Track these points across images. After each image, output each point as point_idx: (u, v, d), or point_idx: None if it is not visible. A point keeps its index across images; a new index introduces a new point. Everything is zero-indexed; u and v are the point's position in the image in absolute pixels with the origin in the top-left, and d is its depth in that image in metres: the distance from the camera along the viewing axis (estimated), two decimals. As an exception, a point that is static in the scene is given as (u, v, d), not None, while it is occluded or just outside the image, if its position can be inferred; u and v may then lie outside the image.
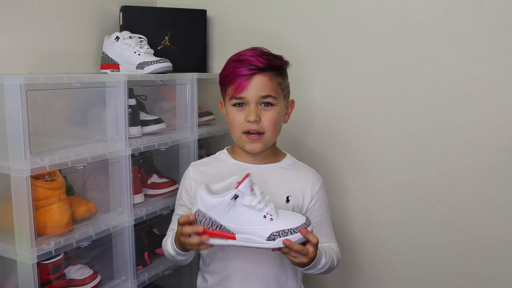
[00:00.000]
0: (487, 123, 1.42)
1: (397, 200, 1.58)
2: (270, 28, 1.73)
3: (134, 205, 1.41)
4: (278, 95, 1.16)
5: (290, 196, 1.18)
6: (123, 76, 1.32)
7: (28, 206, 1.10)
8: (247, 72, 1.12)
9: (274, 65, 1.15)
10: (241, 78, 1.13)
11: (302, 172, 1.25)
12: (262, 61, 1.13)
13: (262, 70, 1.13)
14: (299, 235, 0.99)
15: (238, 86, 1.13)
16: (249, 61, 1.13)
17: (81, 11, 1.61)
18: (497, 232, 1.44)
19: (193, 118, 1.58)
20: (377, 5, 1.54)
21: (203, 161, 1.30)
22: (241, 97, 1.14)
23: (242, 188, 0.98)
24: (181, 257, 1.14)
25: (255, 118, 1.13)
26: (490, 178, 1.43)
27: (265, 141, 1.17)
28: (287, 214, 1.03)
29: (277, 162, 1.24)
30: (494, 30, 1.38)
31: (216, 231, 0.99)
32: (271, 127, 1.15)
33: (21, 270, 1.14)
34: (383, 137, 1.58)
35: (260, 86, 1.13)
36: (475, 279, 1.50)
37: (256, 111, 1.14)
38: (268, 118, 1.14)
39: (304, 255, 1.01)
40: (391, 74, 1.54)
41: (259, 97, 1.13)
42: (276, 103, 1.16)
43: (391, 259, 1.63)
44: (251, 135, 1.15)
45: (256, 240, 0.99)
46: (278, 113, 1.16)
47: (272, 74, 1.15)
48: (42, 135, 1.21)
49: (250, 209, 0.98)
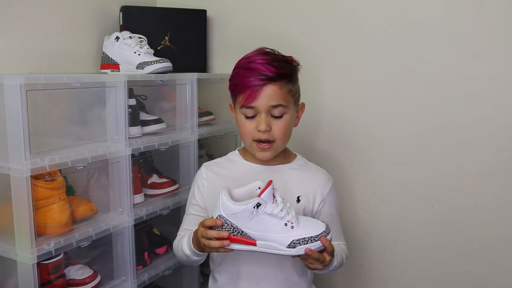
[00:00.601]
0: (487, 123, 1.42)
1: (397, 200, 1.58)
2: (270, 28, 1.73)
3: (134, 205, 1.41)
4: (288, 103, 1.15)
5: (301, 196, 1.19)
6: (123, 76, 1.32)
7: (28, 206, 1.10)
8: (257, 82, 1.10)
9: (284, 73, 1.13)
10: (251, 88, 1.11)
11: (313, 173, 1.24)
12: (273, 70, 1.11)
13: (273, 80, 1.11)
14: (319, 243, 1.00)
15: (248, 96, 1.12)
16: (259, 70, 1.11)
17: (81, 11, 1.61)
18: (497, 232, 1.44)
19: (193, 118, 1.58)
20: (377, 5, 1.54)
21: (215, 162, 1.30)
22: (252, 106, 1.13)
23: (264, 197, 0.98)
24: (197, 258, 1.14)
25: (265, 128, 1.12)
26: (490, 178, 1.43)
27: (276, 149, 1.17)
28: (308, 222, 1.03)
29: (288, 163, 1.24)
30: (494, 30, 1.38)
31: (238, 237, 1.00)
32: (281, 136, 1.15)
33: (21, 270, 1.14)
34: (383, 137, 1.58)
35: (271, 96, 1.11)
36: (475, 279, 1.50)
37: (267, 120, 1.13)
38: (279, 127, 1.14)
39: (320, 263, 1.03)
40: (391, 74, 1.54)
41: (269, 106, 1.12)
42: (286, 111, 1.15)
43: (391, 259, 1.63)
44: (262, 144, 1.15)
45: (277, 247, 1.00)
46: (289, 121, 1.16)
47: (283, 83, 1.13)
48: (42, 135, 1.21)
49: (271, 217, 0.99)
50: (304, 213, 1.18)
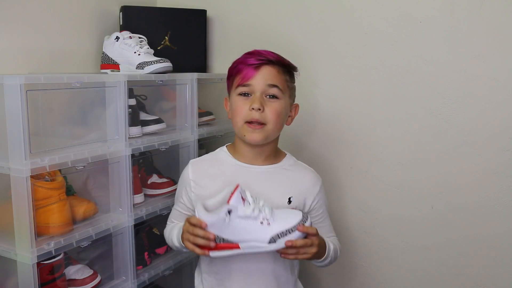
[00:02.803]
0: (487, 123, 1.42)
1: (397, 200, 1.58)
2: (270, 28, 1.73)
3: (134, 205, 1.41)
4: (284, 90, 1.19)
5: (292, 197, 1.19)
6: (123, 76, 1.32)
7: (28, 206, 1.10)
8: (256, 62, 1.16)
9: (283, 61, 1.19)
10: (250, 66, 1.16)
11: (302, 173, 1.26)
12: (272, 55, 1.18)
13: (272, 62, 1.17)
14: (298, 232, 1.02)
15: (246, 74, 1.16)
16: (259, 53, 1.18)
17: (81, 11, 1.61)
18: (497, 232, 1.44)
19: (193, 118, 1.58)
20: (377, 5, 1.54)
21: (202, 159, 1.30)
22: (248, 84, 1.16)
23: (233, 202, 1.00)
24: (186, 250, 1.15)
25: (259, 106, 1.14)
26: (490, 178, 1.43)
27: (266, 133, 1.17)
28: (283, 214, 1.05)
29: (278, 163, 1.24)
30: (494, 30, 1.38)
31: (221, 244, 1.02)
32: (273, 119, 1.16)
33: (21, 270, 1.14)
34: (383, 137, 1.58)
35: (268, 76, 1.16)
36: (475, 279, 1.50)
37: (261, 100, 1.16)
38: (272, 109, 1.16)
39: (310, 246, 1.06)
40: (391, 74, 1.54)
41: (266, 85, 1.16)
42: (281, 96, 1.18)
43: (391, 259, 1.63)
44: (253, 124, 1.16)
45: (259, 246, 1.02)
46: (282, 107, 1.19)
47: (281, 69, 1.19)
48: (42, 135, 1.21)
49: (246, 219, 1.01)
50: None
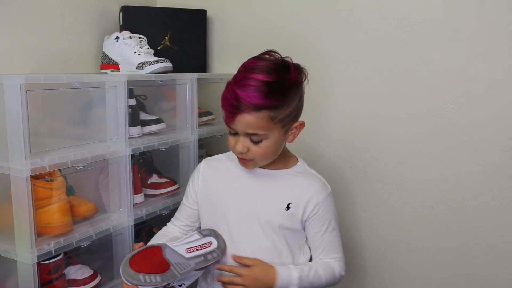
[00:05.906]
0: (487, 123, 1.42)
1: (397, 200, 1.58)
2: (270, 28, 1.73)
3: (134, 205, 1.41)
4: (267, 130, 1.06)
5: (291, 204, 1.16)
6: (123, 76, 1.32)
7: (28, 206, 1.10)
8: (230, 109, 1.05)
9: (264, 104, 1.03)
10: (227, 112, 1.07)
11: (309, 181, 1.19)
12: (251, 101, 1.02)
13: (247, 109, 1.03)
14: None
15: (226, 116, 1.08)
16: (237, 95, 1.03)
17: (81, 11, 1.61)
18: (497, 232, 1.44)
19: (193, 118, 1.58)
20: (377, 5, 1.54)
21: (216, 157, 1.29)
22: (230, 126, 1.09)
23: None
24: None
25: (241, 150, 1.09)
26: (490, 178, 1.43)
27: (258, 164, 1.15)
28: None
29: (287, 169, 1.20)
30: (494, 30, 1.38)
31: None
32: (261, 158, 1.11)
33: (21, 270, 1.14)
34: (383, 137, 1.58)
35: (245, 124, 1.05)
36: (475, 279, 1.50)
37: (244, 143, 1.09)
38: (257, 152, 1.09)
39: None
40: (391, 74, 1.54)
41: (245, 133, 1.07)
42: (267, 135, 1.08)
43: (391, 259, 1.63)
44: (242, 159, 1.13)
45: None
46: (270, 144, 1.09)
47: (260, 114, 1.04)
48: (42, 135, 1.21)
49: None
50: (290, 220, 1.15)
